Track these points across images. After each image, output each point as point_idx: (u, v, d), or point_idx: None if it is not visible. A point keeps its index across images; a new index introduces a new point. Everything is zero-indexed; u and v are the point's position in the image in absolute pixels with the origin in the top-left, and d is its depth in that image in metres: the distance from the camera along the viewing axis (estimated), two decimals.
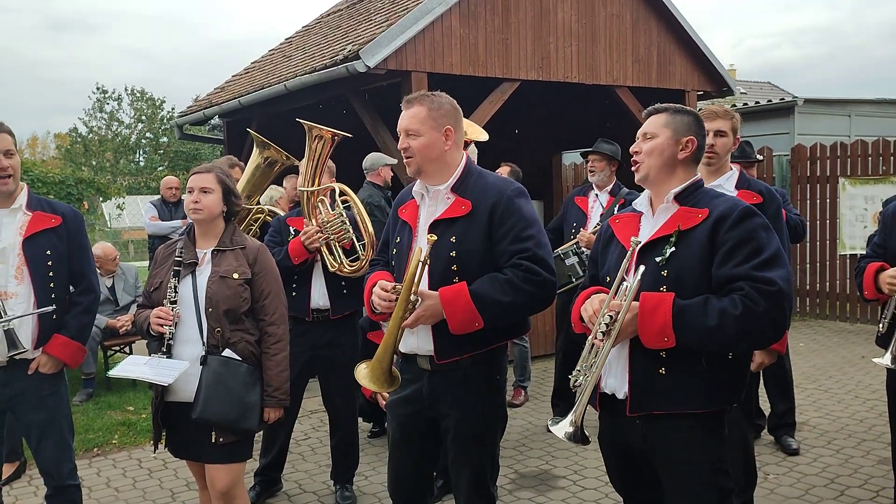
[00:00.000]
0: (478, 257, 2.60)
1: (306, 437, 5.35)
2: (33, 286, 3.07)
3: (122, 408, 6.08)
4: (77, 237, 3.23)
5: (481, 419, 2.71)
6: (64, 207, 3.27)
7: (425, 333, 2.66)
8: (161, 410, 3.06)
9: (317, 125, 3.93)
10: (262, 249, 3.14)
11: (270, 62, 9.75)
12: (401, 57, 6.68)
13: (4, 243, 3.07)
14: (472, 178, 2.71)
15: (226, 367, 2.94)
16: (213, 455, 3.01)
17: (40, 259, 3.09)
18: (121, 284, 6.71)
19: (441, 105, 2.69)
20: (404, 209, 2.82)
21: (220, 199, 3.07)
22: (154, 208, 7.91)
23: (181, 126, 10.32)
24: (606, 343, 2.24)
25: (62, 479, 3.24)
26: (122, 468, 4.84)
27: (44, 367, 3.15)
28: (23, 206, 3.13)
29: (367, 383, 2.63)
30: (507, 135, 10.28)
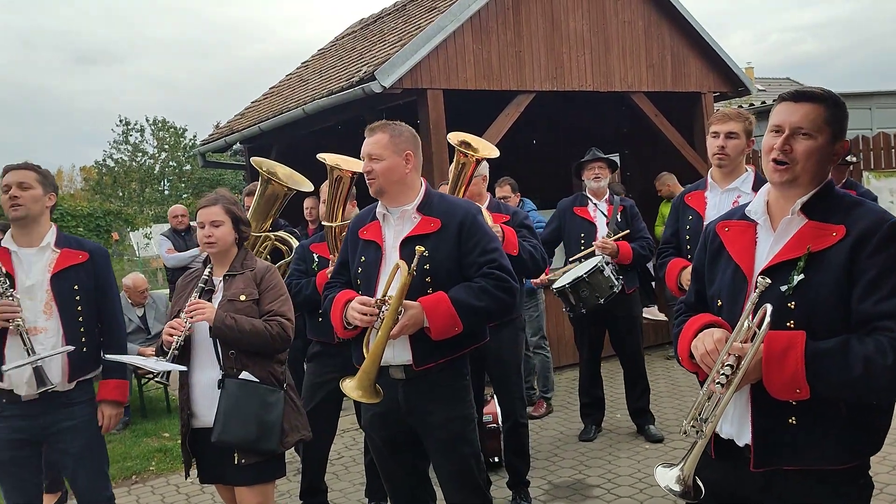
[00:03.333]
0: (447, 269, 2.82)
1: (339, 455, 5.39)
2: (62, 321, 3.16)
3: (157, 434, 6.18)
4: (103, 272, 3.33)
5: (459, 419, 2.90)
6: (91, 245, 3.37)
7: (402, 343, 2.82)
8: (189, 437, 3.11)
9: (337, 166, 3.98)
10: (269, 269, 3.21)
11: (288, 86, 9.89)
12: (416, 75, 6.77)
13: (32, 280, 3.16)
14: (435, 199, 2.96)
15: (243, 389, 2.99)
16: (238, 477, 3.05)
17: (68, 294, 3.18)
18: (152, 313, 6.82)
19: (402, 132, 2.93)
20: (365, 230, 2.98)
21: (231, 230, 3.17)
22: (167, 240, 7.86)
23: (204, 154, 10.49)
24: (727, 393, 1.89)
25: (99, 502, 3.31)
26: (161, 494, 4.92)
27: (111, 417, 3.30)
28: (51, 244, 3.23)
29: (355, 394, 2.76)
30: (524, 146, 10.32)
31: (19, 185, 3.15)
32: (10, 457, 3.17)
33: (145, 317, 6.78)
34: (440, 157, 6.84)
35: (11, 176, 3.17)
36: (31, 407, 3.13)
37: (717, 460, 2.07)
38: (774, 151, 1.96)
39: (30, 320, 3.10)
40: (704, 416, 1.94)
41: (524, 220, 4.33)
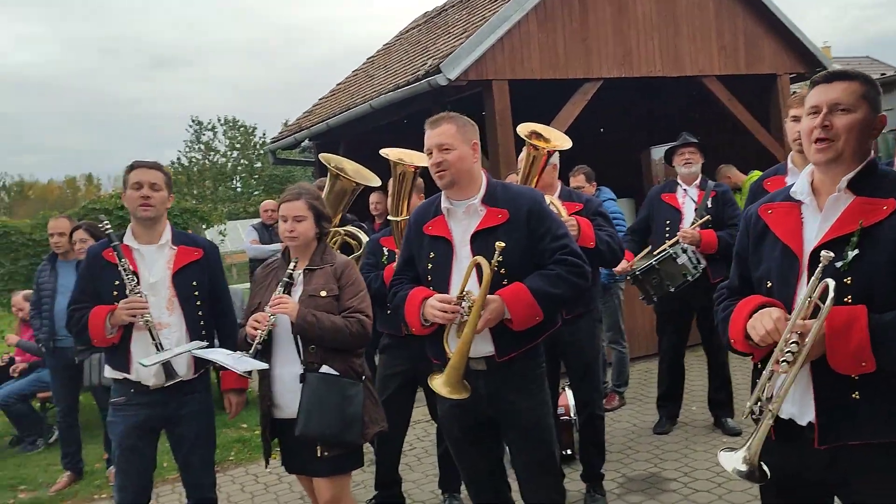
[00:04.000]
0: (520, 258, 2.80)
1: (412, 447, 5.43)
2: (184, 316, 3.28)
3: (236, 425, 6.34)
4: (216, 267, 3.46)
5: (539, 406, 2.92)
6: (203, 241, 3.50)
7: (482, 336, 2.80)
8: (270, 427, 3.19)
9: (401, 161, 4.01)
10: (348, 264, 3.23)
11: (355, 82, 10.01)
12: (481, 67, 6.75)
13: (156, 277, 3.27)
14: (498, 190, 2.92)
15: (324, 383, 3.03)
16: (318, 468, 3.12)
17: (188, 289, 3.29)
18: None
19: (466, 122, 2.92)
20: (430, 226, 2.96)
21: (312, 225, 3.19)
22: (255, 232, 8.20)
23: (274, 151, 10.72)
24: (793, 370, 1.90)
25: (204, 491, 3.44)
26: (241, 484, 5.06)
27: (238, 403, 3.46)
28: (169, 242, 3.34)
29: (445, 391, 2.76)
30: (591, 135, 10.18)
31: (151, 186, 3.26)
32: (133, 444, 3.30)
33: None
34: (506, 148, 6.80)
35: (144, 175, 3.25)
36: (156, 396, 3.25)
37: (778, 442, 2.06)
38: (815, 130, 1.98)
39: (154, 316, 3.20)
40: (768, 395, 1.96)
41: (598, 208, 4.22)
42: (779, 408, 1.95)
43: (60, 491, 5.13)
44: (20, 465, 5.83)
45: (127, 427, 3.30)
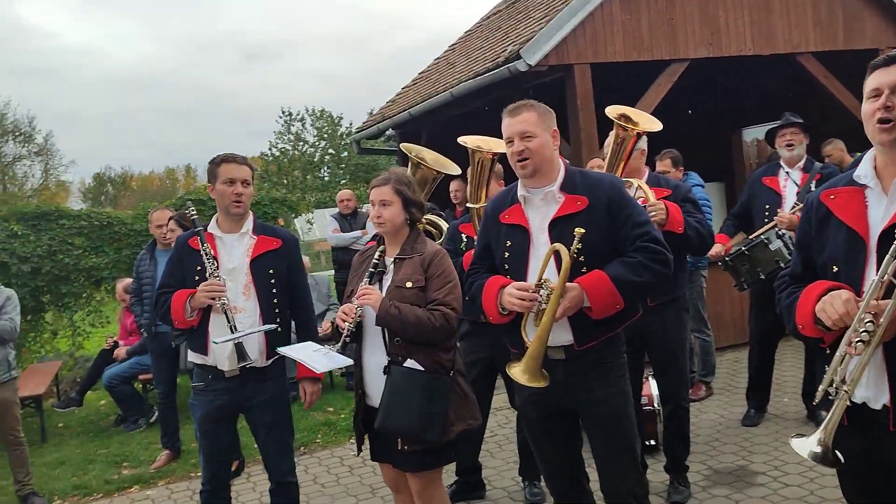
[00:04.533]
0: (600, 247, 2.76)
1: (493, 434, 5.46)
2: (259, 302, 3.40)
3: (322, 409, 6.53)
4: (294, 258, 3.55)
5: (619, 395, 2.87)
6: (283, 232, 3.60)
7: (561, 324, 2.77)
8: (363, 414, 3.20)
9: (478, 148, 4.00)
10: (437, 253, 3.12)
11: (436, 71, 10.04)
12: (562, 51, 6.65)
13: (234, 263, 3.41)
14: (577, 177, 2.88)
15: (407, 378, 2.98)
16: (403, 463, 3.10)
17: (264, 277, 3.41)
18: (314, 294, 7.18)
19: (546, 110, 2.89)
20: (506, 214, 2.93)
21: (400, 210, 3.12)
22: (335, 221, 8.42)
23: (358, 141, 10.89)
24: (867, 350, 1.89)
25: (282, 475, 3.56)
26: (326, 465, 5.21)
27: (312, 393, 3.54)
28: (249, 231, 3.47)
29: (524, 379, 2.74)
30: (678, 117, 9.87)
31: (243, 183, 3.38)
32: (212, 428, 3.46)
33: None
34: (588, 133, 6.70)
35: (237, 171, 3.37)
36: (232, 382, 3.39)
37: (850, 427, 2.04)
38: (878, 112, 1.98)
39: (231, 300, 3.33)
40: (840, 376, 1.95)
41: (687, 193, 4.10)
42: (853, 390, 1.94)
43: (159, 468, 5.41)
44: (124, 442, 6.18)
45: (204, 412, 3.46)
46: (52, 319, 9.12)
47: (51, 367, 7.89)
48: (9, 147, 31.81)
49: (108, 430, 6.66)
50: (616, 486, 2.90)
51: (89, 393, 7.53)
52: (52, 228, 8.52)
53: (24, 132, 32.30)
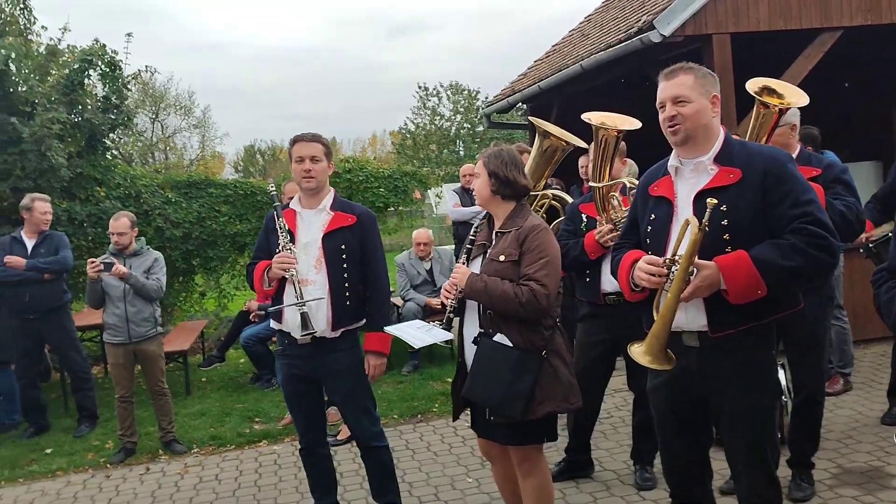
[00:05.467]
0: (750, 225, 2.53)
1: (609, 415, 5.38)
2: (328, 276, 3.52)
3: (442, 379, 6.66)
4: (368, 235, 3.62)
5: (756, 395, 2.62)
6: (361, 209, 3.69)
7: (696, 307, 2.59)
8: (462, 383, 3.23)
9: (603, 125, 3.90)
10: (534, 228, 3.06)
11: (569, 43, 9.84)
12: (699, 21, 6.33)
13: (309, 238, 3.56)
14: (735, 148, 2.65)
15: (494, 352, 3.00)
16: (494, 433, 3.13)
17: (336, 252, 3.52)
18: (437, 267, 7.33)
19: (706, 73, 2.68)
20: (656, 186, 2.76)
21: (486, 182, 3.14)
22: (456, 196, 8.43)
23: (489, 115, 10.89)
24: None
25: (368, 440, 3.70)
26: (441, 434, 5.32)
27: (375, 366, 3.65)
28: (327, 207, 3.60)
29: (644, 360, 2.60)
30: (831, 91, 9.16)
31: (312, 159, 3.52)
32: (292, 389, 3.68)
33: (432, 270, 7.32)
34: (727, 108, 6.33)
35: (305, 149, 3.53)
36: (304, 349, 3.56)
37: None
38: None
39: (303, 272, 3.50)
40: None
41: (840, 174, 3.77)
42: None
43: (286, 426, 5.73)
44: (257, 399, 6.59)
45: (285, 375, 3.67)
46: (202, 281, 9.83)
47: (197, 325, 8.52)
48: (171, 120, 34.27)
49: (245, 387, 7.12)
50: (745, 488, 2.70)
51: (231, 350, 8.09)
52: (202, 196, 9.14)
53: (185, 106, 34.67)
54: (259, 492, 4.58)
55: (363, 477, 4.55)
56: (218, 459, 5.24)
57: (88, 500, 4.69)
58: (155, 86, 31.23)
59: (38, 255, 5.99)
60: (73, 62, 8.66)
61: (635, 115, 4.00)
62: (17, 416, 6.29)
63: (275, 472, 4.87)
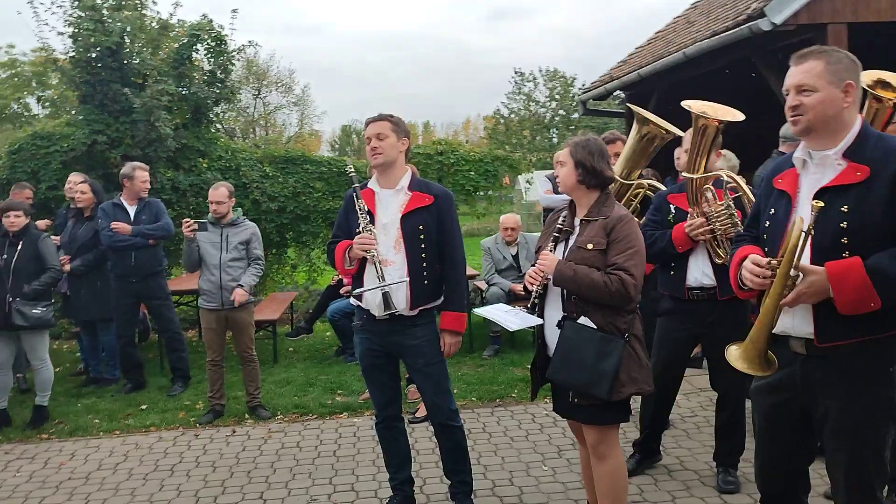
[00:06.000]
0: (874, 230, 2.30)
1: (693, 414, 5.23)
2: (407, 256, 3.54)
3: (522, 365, 6.63)
4: (446, 215, 3.60)
5: (865, 412, 2.38)
6: (438, 189, 3.67)
7: (804, 313, 2.41)
8: (541, 365, 3.29)
9: (703, 114, 3.76)
10: (622, 218, 3.10)
11: (673, 30, 9.54)
12: (815, 9, 6.01)
13: (388, 218, 3.58)
14: (870, 142, 2.39)
15: (578, 334, 3.05)
16: (574, 413, 3.22)
17: (414, 232, 3.53)
18: (523, 253, 7.28)
19: (840, 59, 2.44)
20: (780, 178, 2.57)
21: (572, 170, 3.17)
22: (548, 182, 8.31)
23: (585, 102, 10.70)
24: None
25: (442, 417, 3.73)
26: (518, 420, 5.31)
27: (450, 344, 3.66)
28: (405, 188, 3.61)
29: (740, 365, 2.47)
30: None
31: (377, 136, 3.56)
32: (370, 364, 3.74)
33: (518, 255, 7.27)
34: None
35: (371, 128, 3.59)
36: (382, 325, 3.61)
37: None
38: None
39: (382, 253, 3.54)
40: None
41: None
42: None
43: (367, 400, 5.83)
44: (340, 372, 6.74)
45: (363, 350, 3.73)
46: (294, 255, 10.12)
47: (287, 297, 8.77)
48: (272, 97, 35.31)
49: (329, 360, 7.29)
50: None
51: (318, 323, 8.29)
52: (298, 172, 9.38)
53: (286, 83, 35.65)
54: (337, 462, 4.69)
55: (439, 456, 4.60)
56: (300, 427, 5.39)
57: (177, 456, 4.92)
58: (258, 63, 32.25)
59: (139, 222, 6.29)
60: (182, 37, 9.02)
61: (739, 107, 3.84)
62: (117, 373, 6.66)
63: (353, 444, 4.98)
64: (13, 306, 5.36)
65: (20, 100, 30.15)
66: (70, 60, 8.61)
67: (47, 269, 5.58)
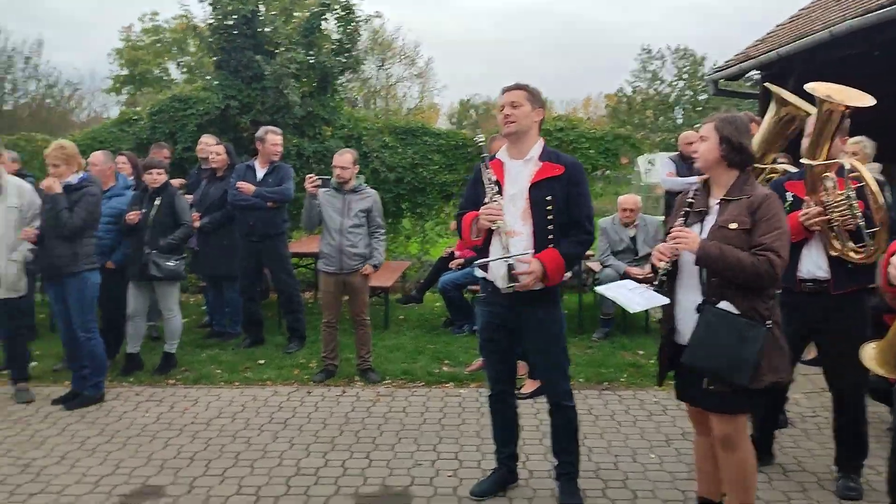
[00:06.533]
0: None
1: (814, 414, 4.98)
2: (534, 228, 3.46)
3: (633, 350, 6.49)
4: (575, 185, 3.50)
5: None
6: (568, 159, 3.58)
7: None
8: (669, 352, 3.20)
9: (828, 98, 3.52)
10: (767, 197, 3.00)
11: (818, 7, 8.94)
12: None
13: (516, 189, 3.51)
14: None
15: (720, 319, 2.94)
16: (705, 401, 3.09)
17: (541, 203, 3.45)
18: (642, 235, 7.08)
19: None
20: None
21: (715, 146, 3.06)
22: (672, 164, 8.01)
23: (716, 82, 10.22)
24: None
25: (557, 397, 3.68)
26: (626, 405, 5.20)
27: (531, 274, 3.41)
28: (535, 158, 3.53)
29: (875, 366, 2.34)
30: None
31: (511, 105, 3.50)
32: (489, 337, 3.72)
33: (635, 238, 7.08)
34: None
35: (506, 96, 3.54)
36: (506, 299, 3.55)
37: None
38: None
39: (509, 224, 3.47)
40: None
41: None
42: None
43: (473, 372, 5.88)
44: (448, 343, 6.81)
45: (483, 322, 3.71)
46: (408, 225, 10.28)
47: (401, 265, 8.94)
48: (395, 69, 35.82)
49: (437, 330, 7.38)
50: None
51: (428, 294, 8.41)
52: (417, 143, 9.49)
53: (409, 56, 36.07)
54: (442, 429, 4.76)
55: (543, 433, 4.59)
56: (407, 393, 5.50)
57: (291, 411, 5.13)
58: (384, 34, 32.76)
59: (265, 184, 6.53)
60: (313, 5, 9.26)
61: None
62: (238, 328, 7.01)
63: (458, 414, 5.03)
64: (150, 258, 5.72)
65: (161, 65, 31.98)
66: (208, 27, 9.03)
67: (181, 224, 5.91)
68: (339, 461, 4.29)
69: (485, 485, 3.86)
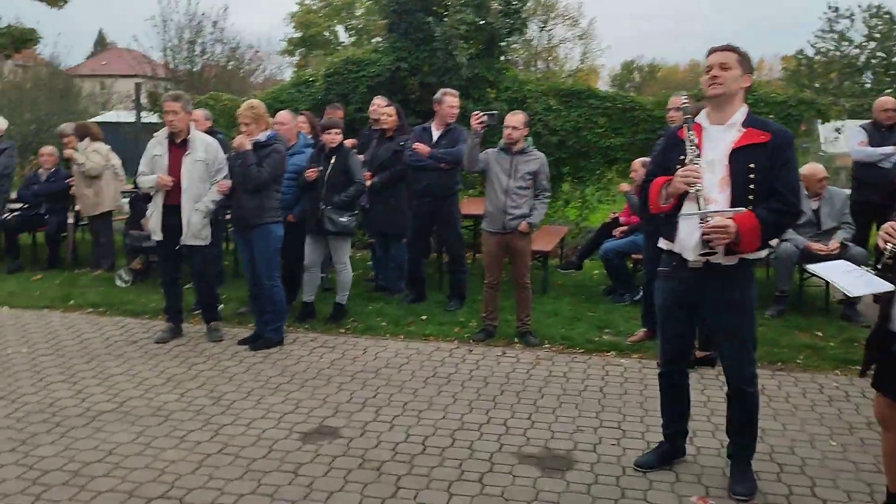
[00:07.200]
0: None
1: None
2: (732, 196, 3.25)
3: (810, 331, 6.09)
4: (782, 155, 3.25)
5: None
6: (776, 127, 3.34)
7: None
8: (879, 339, 2.95)
9: None
10: None
11: None
12: None
13: (715, 155, 3.31)
14: None
15: None
16: None
17: (742, 171, 3.24)
18: (826, 209, 6.57)
19: None
20: None
21: None
22: (863, 133, 7.33)
23: None
24: None
25: (741, 381, 3.49)
26: (803, 388, 4.91)
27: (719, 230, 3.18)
28: (738, 124, 3.32)
29: None
30: None
31: (721, 66, 3.30)
32: (668, 314, 3.57)
33: (819, 210, 6.58)
34: None
35: (714, 57, 3.34)
36: (692, 274, 3.38)
37: None
38: None
39: (706, 191, 3.27)
40: None
41: None
42: None
43: (635, 342, 5.75)
44: (608, 311, 6.70)
45: (664, 298, 3.55)
46: (567, 190, 10.13)
47: (560, 230, 8.85)
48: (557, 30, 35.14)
49: (597, 297, 7.27)
50: None
51: (587, 261, 8.30)
52: (581, 106, 9.28)
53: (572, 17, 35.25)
54: (604, 398, 4.71)
55: (711, 410, 4.45)
56: (567, 359, 5.48)
57: (454, 367, 5.27)
58: None
59: (439, 146, 6.64)
60: None
61: None
62: (401, 284, 7.25)
63: (620, 385, 4.95)
64: (325, 213, 6.02)
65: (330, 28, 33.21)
66: None
67: (354, 182, 6.15)
68: (501, 420, 4.37)
69: (650, 457, 3.79)
